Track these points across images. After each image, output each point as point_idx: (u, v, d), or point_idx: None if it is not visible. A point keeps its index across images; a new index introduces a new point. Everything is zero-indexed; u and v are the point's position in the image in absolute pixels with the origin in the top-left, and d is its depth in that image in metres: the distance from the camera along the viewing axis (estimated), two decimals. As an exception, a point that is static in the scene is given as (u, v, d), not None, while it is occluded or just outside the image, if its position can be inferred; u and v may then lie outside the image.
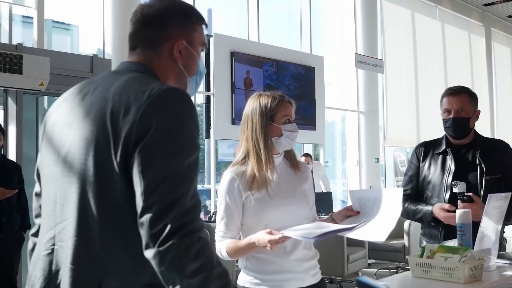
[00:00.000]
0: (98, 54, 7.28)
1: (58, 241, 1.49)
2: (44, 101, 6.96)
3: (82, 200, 1.45)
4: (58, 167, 1.52)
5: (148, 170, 1.36)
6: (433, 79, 12.47)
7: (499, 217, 2.62)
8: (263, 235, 2.24)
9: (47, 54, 6.16)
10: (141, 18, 1.62)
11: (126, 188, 1.40)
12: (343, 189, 11.90)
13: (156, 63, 1.61)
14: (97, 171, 1.43)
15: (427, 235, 3.20)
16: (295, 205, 2.44)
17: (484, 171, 3.04)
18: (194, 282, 1.33)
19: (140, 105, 1.41)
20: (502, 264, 2.62)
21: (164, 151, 1.38)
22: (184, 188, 1.38)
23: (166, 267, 1.34)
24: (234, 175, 2.43)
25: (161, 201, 1.35)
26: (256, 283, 2.40)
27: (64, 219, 1.48)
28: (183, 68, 1.64)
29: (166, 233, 1.33)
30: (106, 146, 1.41)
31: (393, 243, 7.79)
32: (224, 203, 2.41)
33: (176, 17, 1.62)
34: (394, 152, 11.33)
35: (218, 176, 9.79)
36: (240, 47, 8.63)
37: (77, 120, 1.51)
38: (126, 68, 1.60)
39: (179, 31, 1.61)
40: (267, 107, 2.44)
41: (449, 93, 3.12)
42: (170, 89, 1.47)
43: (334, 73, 11.36)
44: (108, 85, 1.52)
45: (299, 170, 2.54)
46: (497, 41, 15.51)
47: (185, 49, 1.62)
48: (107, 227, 1.43)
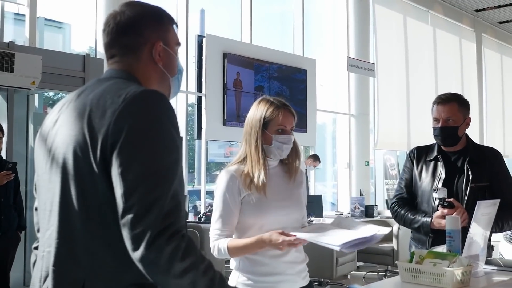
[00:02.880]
0: (90, 53, 7.26)
1: (47, 247, 1.51)
2: (35, 99, 6.93)
3: (64, 203, 1.47)
4: (47, 174, 1.54)
5: (126, 171, 1.37)
6: (424, 83, 12.53)
7: (487, 224, 2.64)
8: (276, 235, 2.26)
9: (39, 52, 6.14)
10: (115, 26, 1.62)
11: (107, 189, 1.41)
12: (333, 191, 11.93)
13: (136, 68, 1.62)
14: (77, 174, 1.45)
15: (416, 240, 3.22)
16: (290, 209, 2.47)
17: (471, 178, 3.07)
18: (183, 282, 1.35)
19: (115, 108, 1.42)
20: (490, 270, 2.64)
21: (142, 152, 1.39)
22: (164, 188, 1.39)
23: (154, 270, 1.35)
24: (234, 174, 2.45)
25: (140, 202, 1.35)
26: (249, 285, 2.41)
27: (51, 225, 1.50)
28: (164, 69, 1.66)
29: (150, 236, 1.33)
30: (84, 150, 1.43)
31: (382, 246, 7.82)
32: (223, 200, 2.42)
33: (149, 21, 1.64)
34: (384, 156, 11.36)
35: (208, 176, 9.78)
36: (232, 48, 8.65)
37: (61, 126, 1.53)
38: (109, 75, 1.62)
39: (155, 34, 1.63)
40: (262, 113, 2.47)
41: (438, 102, 3.12)
42: (146, 91, 1.48)
43: (325, 76, 11.39)
44: (89, 92, 1.54)
45: (295, 176, 2.56)
46: (488, 47, 15.61)
47: (163, 51, 1.65)
48: (90, 228, 1.44)
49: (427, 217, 3.05)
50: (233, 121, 8.30)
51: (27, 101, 6.65)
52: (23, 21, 6.76)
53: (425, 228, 3.05)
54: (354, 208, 9.02)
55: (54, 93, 8.49)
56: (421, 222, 3.08)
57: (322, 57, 11.21)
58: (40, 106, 7.16)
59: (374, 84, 11.25)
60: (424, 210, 3.14)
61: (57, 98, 9.04)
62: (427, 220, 3.04)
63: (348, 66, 10.21)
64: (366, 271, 8.43)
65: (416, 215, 3.12)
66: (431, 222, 3.01)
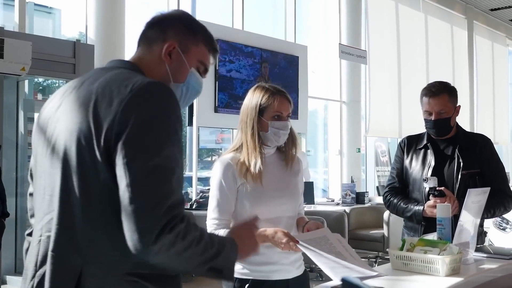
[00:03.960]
0: (80, 38, 7.21)
1: (45, 232, 1.52)
2: (25, 86, 6.89)
3: (66, 190, 1.48)
4: (47, 160, 1.55)
5: (132, 162, 1.38)
6: (415, 70, 12.55)
7: (477, 212, 2.66)
8: (281, 234, 2.24)
9: (29, 38, 6.09)
10: (151, 20, 1.71)
11: (109, 178, 1.42)
12: (324, 178, 11.96)
13: (146, 59, 1.66)
14: (80, 162, 1.45)
15: (409, 228, 3.24)
16: (286, 198, 2.47)
17: (461, 165, 3.09)
18: (184, 256, 1.42)
19: (122, 98, 1.43)
20: (480, 257, 2.67)
21: (149, 144, 1.41)
22: (170, 181, 1.41)
23: (158, 257, 1.39)
24: (230, 162, 2.43)
25: (148, 195, 1.37)
26: (244, 273, 2.42)
27: (52, 210, 1.51)
28: (169, 71, 1.66)
29: (157, 230, 1.36)
30: (88, 137, 1.44)
31: (373, 233, 7.86)
32: (220, 188, 2.40)
33: (179, 24, 1.69)
34: (375, 142, 11.40)
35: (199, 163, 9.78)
36: (224, 35, 8.60)
37: (64, 113, 1.54)
38: (114, 65, 1.64)
39: (177, 36, 1.67)
40: (258, 100, 2.46)
41: (429, 94, 3.10)
42: (152, 82, 1.49)
43: (317, 63, 11.37)
44: (94, 80, 1.55)
45: (292, 164, 2.55)
46: (479, 34, 15.62)
47: (176, 54, 1.66)
48: (90, 216, 1.45)
49: (419, 206, 3.07)
50: (224, 107, 8.29)
51: (17, 87, 6.62)
52: (13, 6, 6.69)
53: (418, 216, 3.07)
54: (345, 195, 9.04)
55: (44, 79, 8.43)
56: (413, 210, 3.09)
57: (314, 44, 11.19)
58: (30, 92, 7.12)
59: (366, 71, 11.25)
60: (415, 198, 3.17)
61: (47, 84, 8.98)
62: (419, 209, 3.06)
63: (340, 53, 10.19)
64: (356, 258, 8.47)
65: (409, 204, 3.14)
66: (423, 210, 3.03)
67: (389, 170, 3.58)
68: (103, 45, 6.98)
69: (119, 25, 7.28)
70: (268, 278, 2.41)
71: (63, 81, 6.94)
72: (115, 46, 7.13)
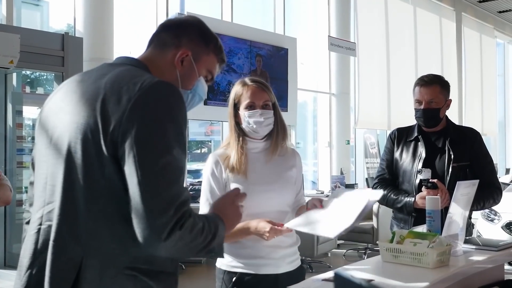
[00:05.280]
0: (68, 31, 7.17)
1: (45, 221, 1.54)
2: (13, 79, 6.84)
3: (69, 182, 1.50)
4: (50, 150, 1.56)
5: (143, 160, 1.41)
6: (404, 62, 12.58)
7: (466, 204, 2.68)
8: (264, 223, 2.26)
9: (17, 31, 6.04)
10: (166, 23, 1.76)
11: (113, 173, 1.45)
12: (314, 170, 11.98)
13: (157, 62, 1.69)
14: (85, 155, 1.48)
15: (398, 219, 3.26)
16: (274, 192, 2.45)
17: (452, 158, 3.12)
18: (190, 245, 1.47)
19: (131, 95, 1.46)
20: (469, 249, 2.69)
21: (158, 142, 1.44)
22: (178, 178, 1.45)
23: (170, 253, 1.46)
24: (218, 158, 2.47)
25: (158, 193, 1.41)
26: (233, 266, 2.44)
27: (53, 200, 1.53)
28: (179, 77, 1.69)
29: (169, 228, 1.40)
30: (95, 131, 1.46)
31: (362, 225, 7.91)
32: (209, 185, 2.44)
33: (194, 33, 1.73)
34: (364, 134, 11.43)
35: (189, 155, 9.76)
36: (213, 27, 8.52)
37: (70, 105, 1.56)
38: (121, 62, 1.67)
39: (190, 45, 1.71)
40: (233, 95, 2.50)
41: (421, 84, 3.15)
42: (161, 82, 1.52)
43: (306, 55, 11.37)
44: (102, 75, 1.57)
45: (284, 157, 2.54)
46: (468, 26, 15.68)
47: (188, 62, 1.70)
48: (92, 209, 1.48)
49: (410, 197, 3.09)
50: (214, 100, 8.27)
51: (5, 80, 6.57)
52: (0, -2, 6.63)
53: (408, 207, 3.09)
54: (335, 186, 9.08)
55: (32, 72, 8.37)
56: (404, 202, 3.11)
57: (303, 36, 11.18)
58: (18, 85, 7.06)
59: (355, 63, 11.27)
60: (405, 189, 3.19)
61: (35, 77, 8.92)
62: (410, 200, 3.08)
63: (330, 46, 10.20)
64: (346, 249, 8.53)
65: (399, 195, 3.16)
66: (414, 201, 3.05)
67: (379, 162, 3.60)
68: (92, 37, 6.94)
69: (107, 17, 7.24)
70: (256, 272, 2.42)
71: (51, 74, 6.90)
72: (104, 39, 7.09)
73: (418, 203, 3.03)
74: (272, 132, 2.50)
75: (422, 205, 2.97)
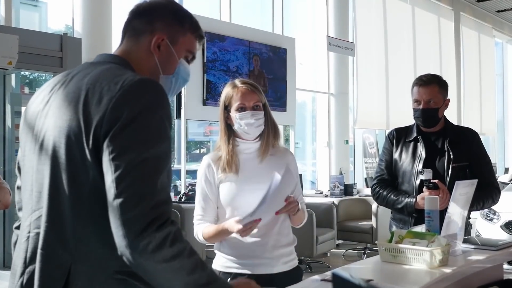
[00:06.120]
0: (67, 31, 7.16)
1: (33, 228, 1.52)
2: (12, 79, 6.84)
3: (55, 187, 1.47)
4: (35, 155, 1.54)
5: (119, 158, 1.37)
6: (403, 62, 12.58)
7: (465, 203, 2.69)
8: (232, 223, 2.28)
9: (16, 32, 6.04)
10: (135, 9, 1.66)
11: (98, 176, 1.41)
12: (313, 170, 11.98)
13: (134, 53, 1.63)
14: (69, 159, 1.45)
15: (397, 220, 3.26)
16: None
17: (452, 158, 3.12)
18: (172, 266, 1.37)
19: (112, 95, 1.42)
20: (468, 248, 2.69)
21: (135, 140, 1.39)
22: (156, 177, 1.40)
23: (142, 257, 1.36)
24: (210, 161, 2.50)
25: (133, 189, 1.36)
26: (228, 266, 2.45)
27: (40, 207, 1.50)
28: (158, 63, 1.65)
29: (141, 224, 1.34)
30: (78, 134, 1.43)
31: (361, 225, 7.91)
32: (201, 188, 2.49)
33: (166, 15, 1.65)
34: (363, 134, 11.42)
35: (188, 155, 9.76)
36: (212, 27, 8.57)
37: (52, 108, 1.53)
38: (103, 60, 1.62)
39: (164, 28, 1.64)
40: (223, 96, 2.52)
41: (419, 83, 3.16)
42: (143, 79, 1.48)
43: (305, 55, 11.37)
44: (83, 75, 1.53)
45: (276, 156, 2.55)
46: (466, 25, 15.67)
47: (165, 46, 1.64)
48: (79, 214, 1.45)
49: (410, 198, 3.09)
50: (212, 100, 8.27)
51: (3, 81, 6.57)
52: (-2, -1, 6.63)
53: (409, 208, 3.09)
54: (334, 186, 9.09)
55: (31, 73, 8.36)
56: (404, 202, 3.11)
57: (302, 36, 11.17)
58: (17, 86, 7.07)
59: (354, 63, 11.26)
60: (405, 190, 3.19)
61: (34, 77, 8.91)
62: (411, 201, 3.08)
63: (328, 46, 10.19)
64: (345, 249, 8.53)
65: (399, 196, 3.16)
66: (415, 202, 3.05)
67: (377, 162, 3.60)
68: (90, 38, 6.93)
69: (106, 17, 7.24)
70: (251, 272, 2.42)
71: (50, 75, 6.89)
72: (103, 39, 7.09)
73: (419, 204, 3.02)
74: (263, 132, 2.52)
75: (423, 206, 2.98)
